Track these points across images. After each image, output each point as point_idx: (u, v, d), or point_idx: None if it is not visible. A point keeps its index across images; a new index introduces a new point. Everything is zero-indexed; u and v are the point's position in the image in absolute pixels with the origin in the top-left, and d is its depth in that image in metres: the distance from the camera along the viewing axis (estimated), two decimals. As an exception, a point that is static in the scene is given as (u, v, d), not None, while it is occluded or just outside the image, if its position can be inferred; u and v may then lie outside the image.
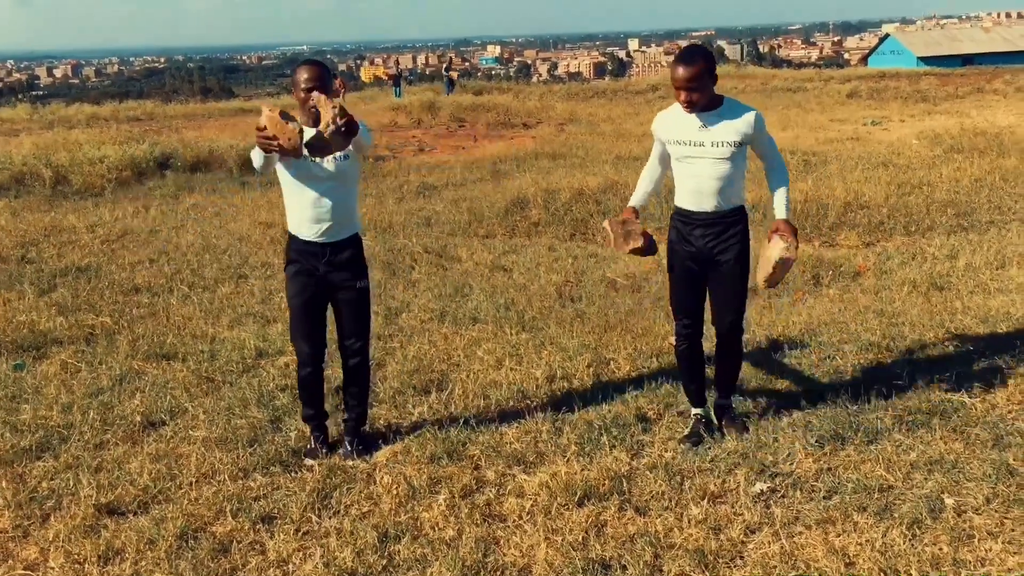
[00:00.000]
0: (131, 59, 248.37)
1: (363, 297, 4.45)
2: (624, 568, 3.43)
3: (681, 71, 4.05)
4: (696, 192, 4.23)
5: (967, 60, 54.04)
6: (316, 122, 3.98)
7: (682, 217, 4.33)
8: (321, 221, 4.24)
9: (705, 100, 4.11)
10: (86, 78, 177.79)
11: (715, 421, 4.58)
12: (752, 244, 4.42)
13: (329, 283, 4.35)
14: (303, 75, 4.11)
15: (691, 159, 4.19)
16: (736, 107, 4.20)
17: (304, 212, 4.24)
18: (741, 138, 4.13)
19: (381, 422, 4.85)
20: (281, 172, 4.23)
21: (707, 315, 4.53)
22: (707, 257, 4.31)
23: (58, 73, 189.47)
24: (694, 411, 4.59)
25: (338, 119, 3.85)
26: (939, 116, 21.02)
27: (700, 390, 4.58)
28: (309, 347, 4.45)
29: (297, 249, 4.33)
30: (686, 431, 4.51)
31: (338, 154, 4.13)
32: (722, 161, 4.14)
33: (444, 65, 34.55)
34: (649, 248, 4.42)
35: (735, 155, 4.14)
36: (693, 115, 4.15)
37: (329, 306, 4.48)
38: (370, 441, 4.61)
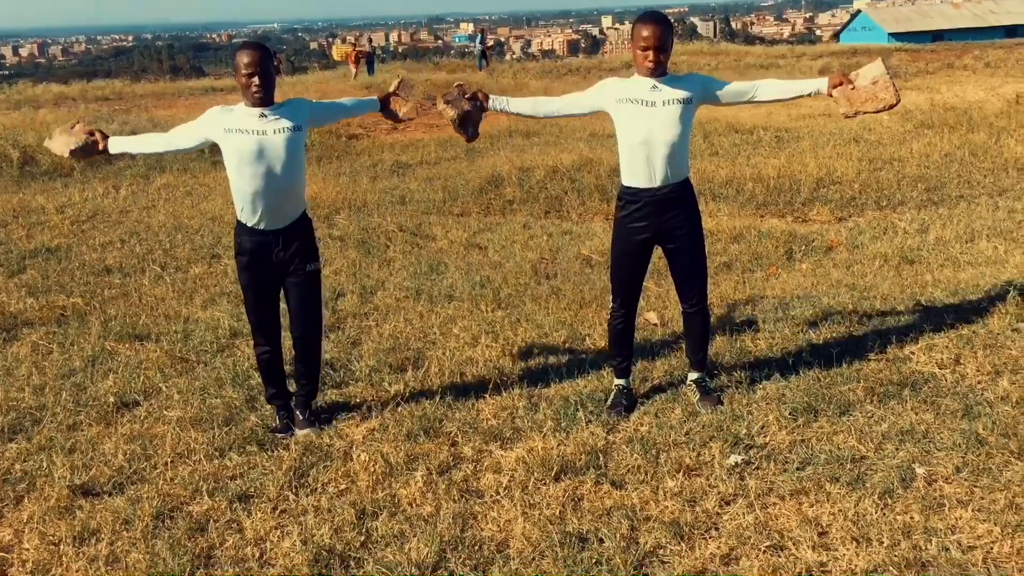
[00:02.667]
0: (98, 37, 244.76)
1: (314, 279, 4.47)
2: (601, 541, 3.46)
3: (652, 29, 4.10)
4: (647, 159, 4.22)
5: (937, 36, 54.36)
6: (264, 102, 4.19)
7: (632, 196, 4.33)
8: (270, 202, 4.22)
9: (666, 64, 4.21)
10: (53, 57, 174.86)
11: (690, 396, 4.63)
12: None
13: (281, 268, 4.36)
14: (243, 60, 4.15)
15: (643, 119, 4.18)
16: (680, 75, 4.30)
17: (252, 194, 4.20)
18: (691, 95, 4.20)
19: (357, 400, 4.84)
20: (228, 153, 4.20)
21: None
22: (661, 233, 4.36)
23: (24, 52, 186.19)
24: (617, 382, 4.67)
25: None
26: (910, 92, 21.12)
27: (626, 363, 4.67)
28: (265, 330, 4.50)
29: (248, 238, 4.31)
30: (608, 401, 4.59)
31: (289, 125, 4.20)
32: (673, 122, 4.17)
33: (478, 38, 33.36)
34: (464, 123, 4.42)
35: (684, 114, 4.19)
36: (646, 79, 4.20)
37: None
38: (320, 414, 4.64)
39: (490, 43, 32.28)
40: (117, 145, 4.47)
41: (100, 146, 4.43)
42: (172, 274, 7.65)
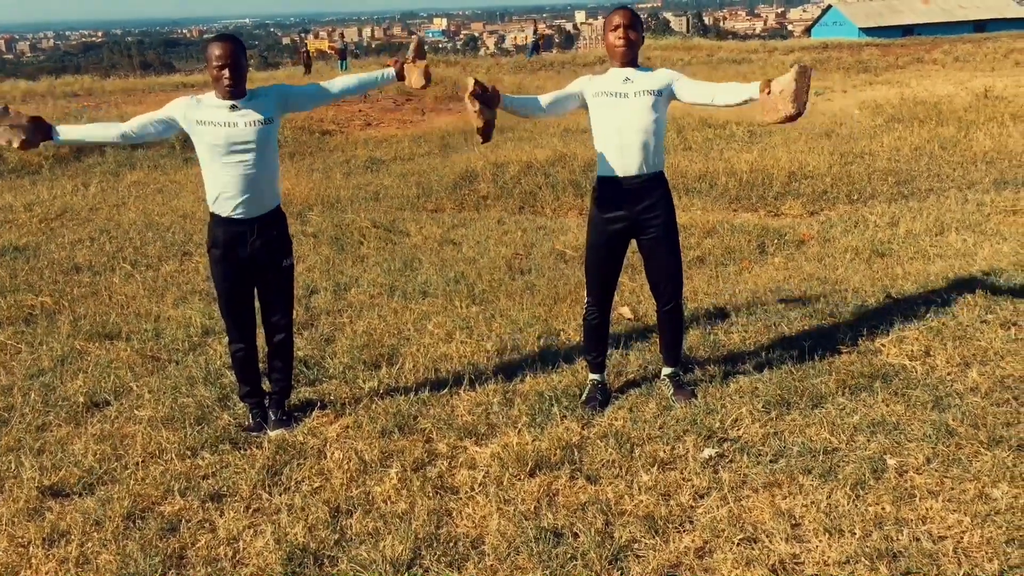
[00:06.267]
0: (67, 33, 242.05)
1: (288, 275, 4.46)
2: (576, 536, 3.46)
3: (621, 12, 4.31)
4: (620, 149, 4.27)
5: (907, 31, 54.83)
6: (236, 95, 4.16)
7: (608, 186, 4.37)
8: (244, 192, 4.19)
9: (638, 47, 4.34)
10: (20, 53, 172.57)
11: (664, 391, 4.64)
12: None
13: (254, 264, 4.33)
14: (215, 52, 4.11)
15: (615, 109, 4.27)
16: (650, 68, 4.42)
17: (226, 184, 4.18)
18: (662, 87, 4.29)
19: (331, 397, 4.81)
20: (199, 144, 4.18)
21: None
22: (635, 225, 4.38)
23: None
24: (592, 377, 4.69)
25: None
26: (880, 86, 21.34)
27: (601, 358, 4.70)
28: (240, 327, 4.47)
29: (222, 230, 4.27)
30: (583, 396, 4.61)
31: (260, 118, 4.16)
32: (645, 113, 4.25)
33: (533, 31, 36.38)
34: (489, 131, 4.28)
35: (656, 105, 4.27)
36: (619, 69, 4.32)
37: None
38: (293, 414, 4.61)
39: (543, 30, 35.74)
40: (66, 134, 4.32)
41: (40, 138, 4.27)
42: (143, 272, 7.57)
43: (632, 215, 4.36)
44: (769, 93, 4.01)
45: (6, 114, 4.26)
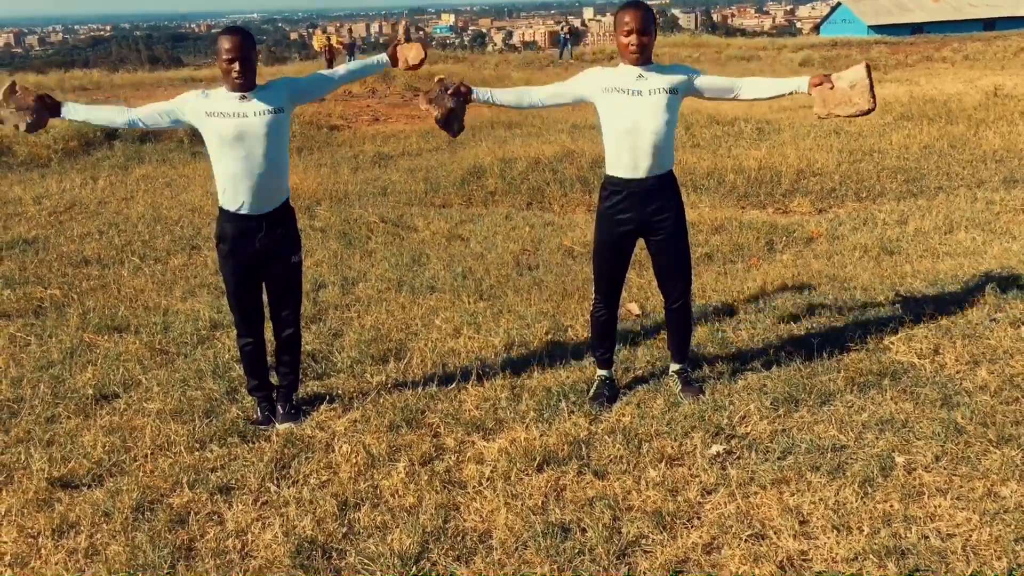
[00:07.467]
0: (76, 27, 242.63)
1: (296, 271, 4.46)
2: (583, 531, 3.46)
3: (633, 13, 4.13)
4: (632, 149, 4.20)
5: (917, 29, 54.70)
6: (245, 87, 4.13)
7: (616, 186, 4.31)
8: (253, 185, 4.17)
9: (651, 48, 4.21)
10: (29, 47, 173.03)
11: (672, 387, 4.64)
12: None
13: (264, 258, 4.33)
14: (224, 45, 4.09)
15: (628, 107, 4.17)
16: (665, 65, 4.33)
17: (235, 177, 4.16)
18: (677, 85, 4.20)
19: (339, 391, 4.82)
20: (209, 136, 4.17)
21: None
22: (644, 226, 4.34)
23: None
24: (600, 373, 4.68)
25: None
26: (889, 84, 21.26)
27: (608, 354, 4.68)
28: (248, 321, 4.48)
29: (230, 225, 4.27)
30: (591, 392, 4.60)
31: (270, 108, 4.15)
32: (659, 112, 4.16)
33: (565, 30, 37.66)
34: (448, 121, 4.35)
35: (670, 104, 4.19)
36: (631, 67, 4.20)
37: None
38: (302, 408, 4.61)
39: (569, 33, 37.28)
40: (74, 112, 4.29)
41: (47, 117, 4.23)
42: (151, 265, 7.59)
43: (641, 216, 4.32)
44: (832, 88, 4.14)
45: (13, 93, 4.15)
